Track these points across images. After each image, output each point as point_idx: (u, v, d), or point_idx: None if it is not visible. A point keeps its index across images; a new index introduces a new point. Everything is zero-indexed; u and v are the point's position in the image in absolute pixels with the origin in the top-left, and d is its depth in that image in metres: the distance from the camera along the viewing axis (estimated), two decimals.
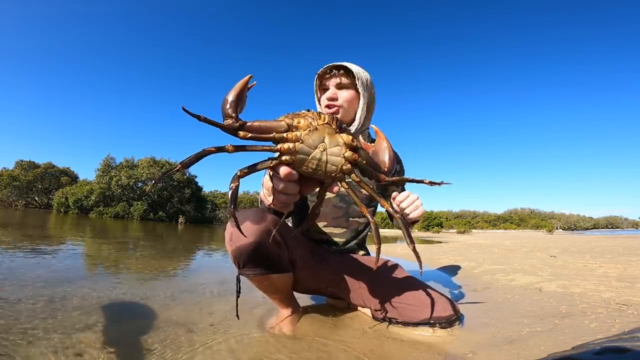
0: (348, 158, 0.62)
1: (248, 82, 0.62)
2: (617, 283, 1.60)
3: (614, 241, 6.38)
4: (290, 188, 0.64)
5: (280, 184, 0.64)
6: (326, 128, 0.61)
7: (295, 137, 0.60)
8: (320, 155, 0.60)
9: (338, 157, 0.61)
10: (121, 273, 1.86)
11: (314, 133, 0.60)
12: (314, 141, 0.60)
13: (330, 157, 0.61)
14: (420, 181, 0.71)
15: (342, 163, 0.62)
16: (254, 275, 0.97)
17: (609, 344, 0.64)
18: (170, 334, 0.92)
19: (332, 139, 0.61)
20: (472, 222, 49.25)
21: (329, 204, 1.27)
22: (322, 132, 0.60)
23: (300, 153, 0.60)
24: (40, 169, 22.17)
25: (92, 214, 16.92)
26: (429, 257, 3.53)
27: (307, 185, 0.67)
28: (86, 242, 3.65)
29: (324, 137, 0.60)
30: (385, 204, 0.70)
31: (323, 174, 0.62)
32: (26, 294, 1.22)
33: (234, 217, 0.61)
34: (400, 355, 0.86)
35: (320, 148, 0.60)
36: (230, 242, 0.92)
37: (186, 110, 0.57)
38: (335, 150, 0.61)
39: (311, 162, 0.61)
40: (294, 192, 0.65)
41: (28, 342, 0.81)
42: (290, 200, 0.67)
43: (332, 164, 0.61)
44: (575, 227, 60.30)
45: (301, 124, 0.61)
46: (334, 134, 0.61)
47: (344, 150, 0.61)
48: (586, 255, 3.16)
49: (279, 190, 0.65)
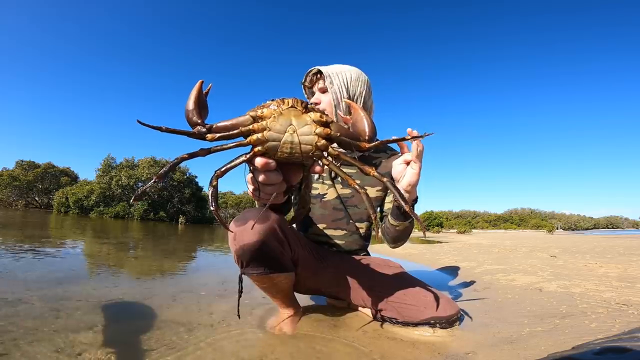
0: (320, 134, 0.62)
1: (202, 87, 0.63)
2: (618, 283, 1.60)
3: (614, 241, 6.38)
4: (272, 177, 0.65)
5: (260, 175, 0.64)
6: (292, 111, 0.61)
7: (262, 127, 0.60)
8: (291, 138, 0.61)
9: (310, 135, 0.62)
10: (121, 273, 1.86)
11: (279, 118, 0.61)
12: (282, 125, 0.61)
13: (302, 137, 0.61)
14: (402, 139, 0.72)
15: (316, 140, 0.62)
16: (256, 275, 0.97)
17: (609, 344, 0.64)
18: (170, 334, 0.92)
19: (300, 119, 0.61)
20: (473, 222, 49.24)
21: (328, 206, 1.27)
22: (287, 116, 0.61)
23: (270, 140, 0.61)
24: (40, 169, 22.16)
25: (92, 214, 16.92)
26: (430, 257, 3.53)
27: (290, 172, 0.68)
28: (86, 242, 3.65)
29: (291, 119, 0.61)
30: (370, 170, 0.66)
31: (300, 155, 0.63)
32: (26, 294, 1.22)
33: (217, 217, 0.61)
34: (400, 355, 0.85)
35: (289, 131, 0.61)
36: (234, 241, 0.92)
37: (143, 123, 0.57)
38: (306, 130, 0.61)
39: (284, 147, 0.61)
40: (277, 181, 0.66)
41: (28, 342, 0.81)
42: (276, 191, 0.68)
43: (306, 144, 0.62)
44: (576, 227, 60.28)
45: (265, 112, 0.61)
46: (300, 115, 0.62)
47: (314, 128, 0.62)
48: (586, 255, 3.16)
49: (262, 182, 0.65)
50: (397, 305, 1.06)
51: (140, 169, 18.64)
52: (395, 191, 0.66)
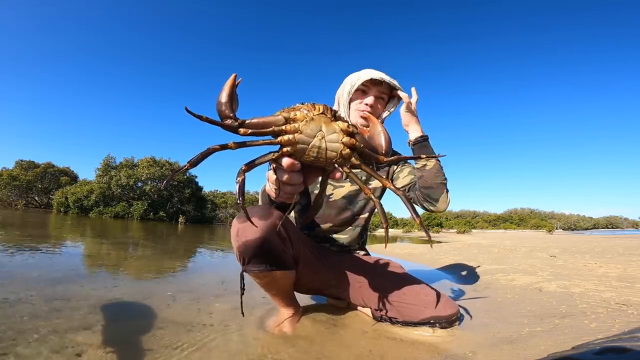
0: (346, 143, 0.64)
1: (235, 80, 0.64)
2: (617, 283, 1.60)
3: (614, 241, 6.38)
4: (294, 178, 0.67)
5: (284, 175, 0.66)
6: (322, 117, 0.64)
7: (294, 129, 0.62)
8: (319, 143, 0.63)
9: (336, 143, 0.64)
10: (121, 273, 1.86)
11: (311, 123, 0.63)
12: (312, 130, 0.63)
13: (329, 144, 0.64)
14: (417, 157, 0.77)
15: (341, 148, 0.64)
16: (258, 272, 0.97)
17: (609, 344, 0.64)
18: (170, 334, 0.92)
19: (329, 126, 0.64)
20: (472, 222, 49.25)
21: (334, 206, 1.28)
22: (318, 122, 0.63)
23: (300, 143, 0.63)
24: (40, 169, 22.14)
25: (92, 213, 16.91)
26: (430, 257, 3.53)
27: (310, 175, 0.70)
28: (86, 242, 3.65)
29: (321, 125, 0.63)
30: (386, 183, 0.71)
31: (324, 161, 0.65)
32: (26, 294, 1.22)
33: (243, 209, 0.63)
34: (400, 355, 0.86)
35: (318, 136, 0.63)
36: (237, 238, 0.92)
37: (189, 111, 0.59)
38: (333, 137, 0.64)
39: (312, 151, 0.63)
40: (298, 182, 0.68)
41: (28, 342, 0.80)
42: (295, 191, 0.70)
43: (331, 150, 0.64)
44: (575, 227, 60.29)
45: (298, 115, 0.63)
46: (330, 122, 0.64)
47: (341, 136, 0.64)
48: (586, 255, 3.16)
49: (284, 181, 0.67)
50: (397, 304, 1.06)
51: (140, 168, 18.62)
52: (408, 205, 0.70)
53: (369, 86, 1.21)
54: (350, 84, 1.22)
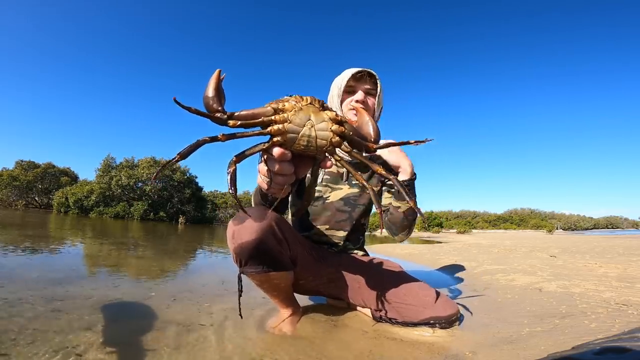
0: (335, 131, 0.66)
1: (220, 75, 0.65)
2: (617, 283, 1.60)
3: (614, 241, 6.38)
4: (285, 168, 0.68)
5: (275, 165, 0.67)
6: (310, 107, 0.65)
7: (283, 119, 0.64)
8: (309, 132, 0.64)
9: (326, 131, 0.65)
10: (121, 273, 1.86)
11: (299, 112, 0.64)
12: (302, 119, 0.64)
13: (319, 132, 0.65)
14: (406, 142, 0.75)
15: (331, 136, 0.66)
16: (255, 273, 0.97)
17: (609, 344, 0.64)
18: (170, 334, 0.92)
19: (318, 115, 0.65)
20: (472, 222, 49.21)
21: (332, 207, 1.28)
22: (307, 111, 0.65)
23: (290, 132, 0.64)
24: (40, 169, 22.13)
25: (92, 214, 16.90)
26: (429, 257, 3.53)
27: (301, 165, 0.71)
28: (86, 242, 3.65)
29: (310, 115, 0.65)
30: (378, 169, 0.71)
31: (315, 150, 0.66)
32: (26, 294, 1.22)
33: (236, 200, 0.63)
34: (400, 355, 0.86)
35: (308, 125, 0.64)
36: (233, 240, 0.92)
37: (178, 102, 0.59)
38: (323, 126, 0.65)
39: (302, 140, 0.65)
40: (289, 172, 0.69)
41: (28, 342, 0.81)
42: (286, 182, 0.71)
43: (321, 139, 0.65)
44: (575, 227, 60.24)
45: (286, 106, 0.65)
46: (318, 112, 0.65)
47: (330, 125, 0.65)
48: (586, 255, 3.16)
49: (275, 171, 0.68)
50: (396, 305, 1.06)
51: (140, 169, 18.61)
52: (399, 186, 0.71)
53: (355, 84, 1.22)
54: (337, 87, 1.23)
